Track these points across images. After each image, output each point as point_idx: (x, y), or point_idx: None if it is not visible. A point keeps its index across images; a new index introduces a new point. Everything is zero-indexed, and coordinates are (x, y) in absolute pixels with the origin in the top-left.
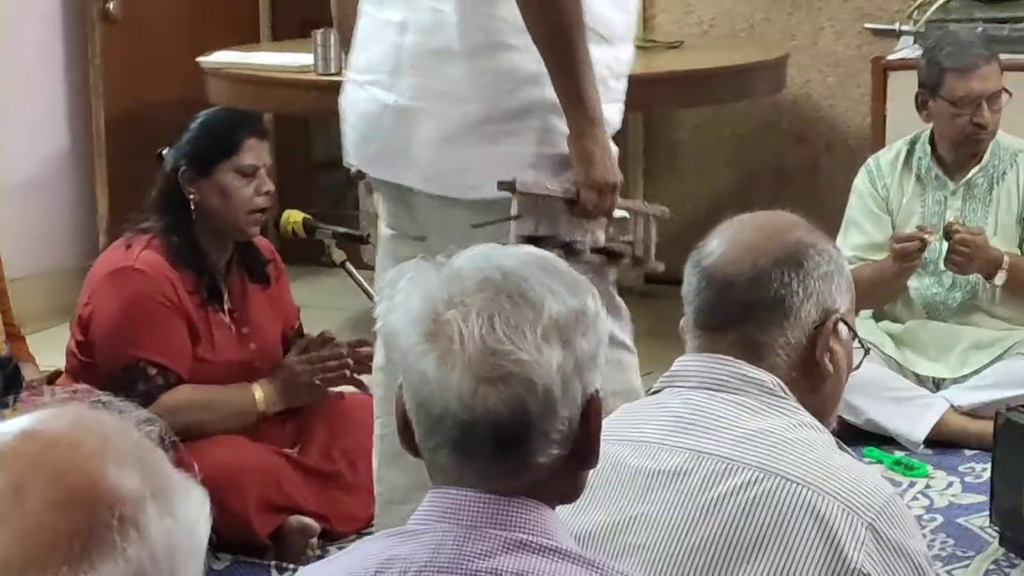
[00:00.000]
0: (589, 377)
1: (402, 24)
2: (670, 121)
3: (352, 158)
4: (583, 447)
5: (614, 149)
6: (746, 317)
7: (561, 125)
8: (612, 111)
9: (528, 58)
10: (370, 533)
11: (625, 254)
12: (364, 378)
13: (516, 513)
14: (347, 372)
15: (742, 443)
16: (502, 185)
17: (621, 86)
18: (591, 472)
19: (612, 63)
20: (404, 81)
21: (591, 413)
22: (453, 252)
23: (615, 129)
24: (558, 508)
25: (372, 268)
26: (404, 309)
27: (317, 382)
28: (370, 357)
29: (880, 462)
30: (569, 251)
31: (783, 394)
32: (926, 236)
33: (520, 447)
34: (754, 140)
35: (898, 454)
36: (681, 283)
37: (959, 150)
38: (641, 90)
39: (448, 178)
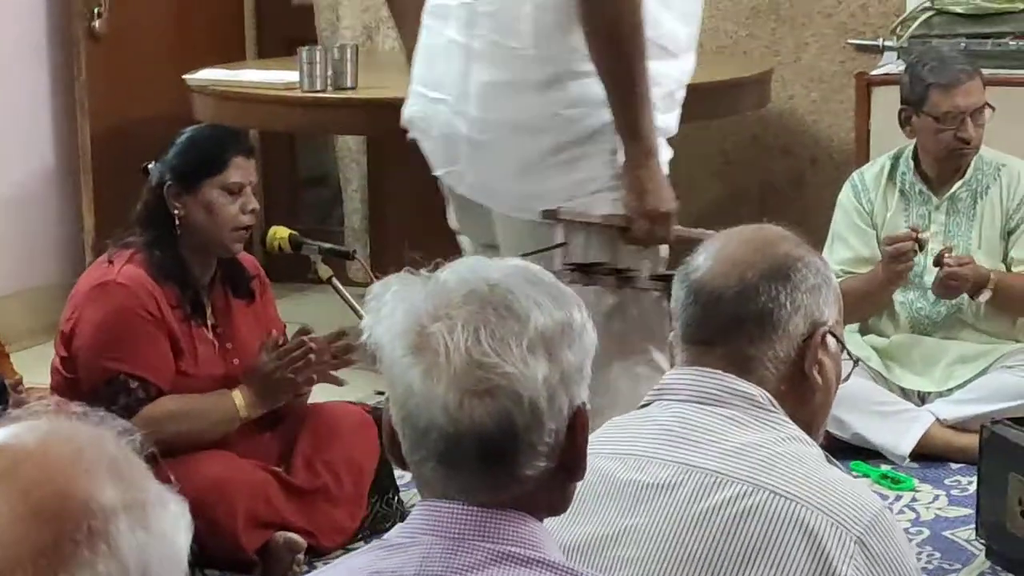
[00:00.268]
0: (575, 390)
1: (466, 49)
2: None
3: (437, 171)
4: (570, 459)
5: (665, 159)
6: (734, 331)
7: None
8: (672, 118)
9: (598, 83)
10: (356, 547)
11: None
12: (341, 373)
13: (503, 525)
14: (312, 360)
15: (731, 456)
16: (546, 214)
17: (682, 93)
18: (580, 484)
19: (678, 75)
20: (472, 112)
21: (577, 425)
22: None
23: (672, 135)
24: (546, 520)
25: (358, 284)
26: (389, 322)
27: (289, 376)
28: (348, 350)
29: (866, 476)
30: (623, 278)
31: (772, 407)
32: (921, 236)
33: (506, 460)
34: (740, 155)
35: (884, 468)
36: None
37: (943, 165)
38: None
39: (524, 203)
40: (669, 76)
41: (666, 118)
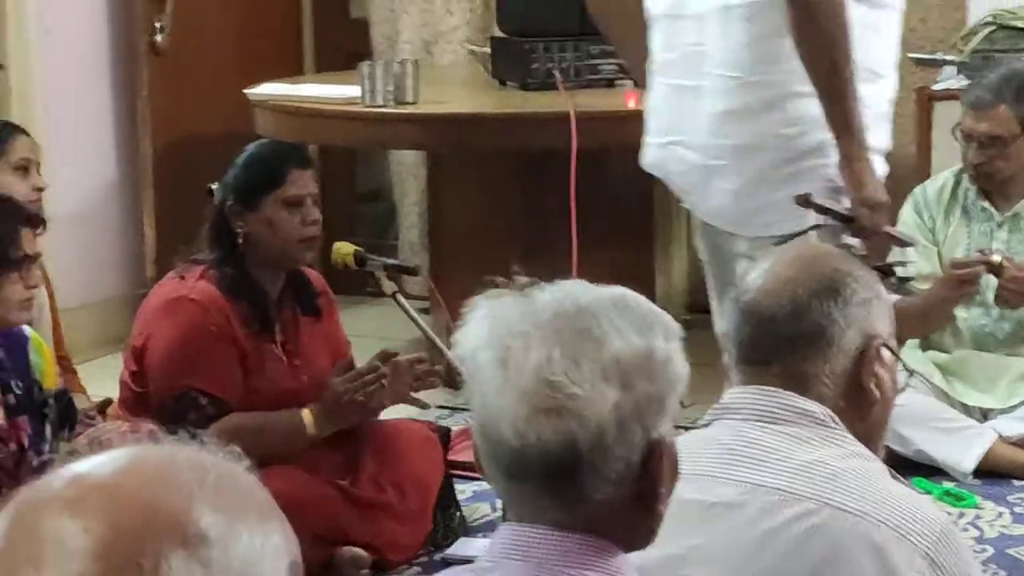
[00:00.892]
0: (652, 421)
1: (696, 89)
2: None
3: (684, 203)
4: (646, 491)
5: (882, 174)
6: (789, 349)
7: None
8: (883, 135)
9: (814, 103)
10: (420, 562)
11: (912, 280)
12: (424, 395)
13: (584, 552)
14: (384, 385)
15: (796, 474)
16: (799, 199)
17: (890, 109)
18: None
19: (887, 94)
20: (702, 140)
21: (653, 458)
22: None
23: (886, 151)
24: None
25: (414, 297)
26: (475, 335)
27: (360, 399)
28: (429, 373)
29: (929, 493)
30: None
31: (833, 424)
32: (992, 258)
33: (569, 481)
34: None
35: (947, 484)
36: None
37: (978, 183)
38: None
39: (745, 219)
40: (880, 96)
41: (878, 136)
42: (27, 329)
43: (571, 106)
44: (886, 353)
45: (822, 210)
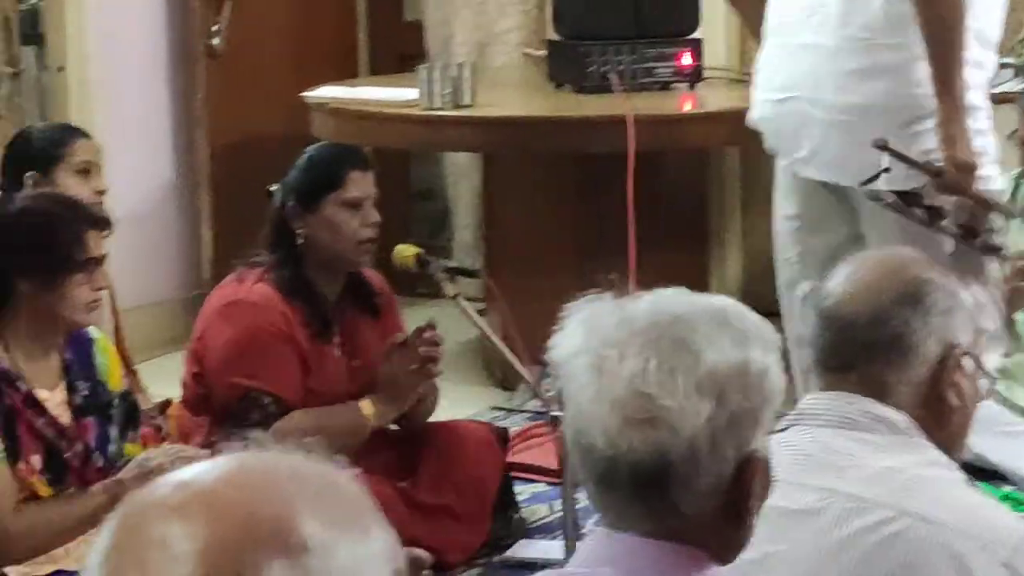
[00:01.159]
0: (746, 435)
1: (822, 48)
2: (766, 155)
3: (781, 160)
4: (737, 505)
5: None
6: (867, 357)
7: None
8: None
9: None
10: (479, 564)
11: (1002, 249)
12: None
13: (676, 561)
14: (436, 350)
15: (874, 482)
16: (876, 143)
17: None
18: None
19: (993, 64)
20: (828, 99)
21: (746, 472)
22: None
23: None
24: None
25: (475, 300)
26: (570, 341)
27: (413, 368)
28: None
29: None
30: (934, 214)
31: (913, 432)
32: None
33: (659, 491)
34: None
35: (1007, 489)
36: (778, 315)
37: None
38: (739, 124)
39: (862, 174)
40: (988, 64)
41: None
42: (93, 330)
43: (628, 109)
44: (967, 362)
45: (898, 156)
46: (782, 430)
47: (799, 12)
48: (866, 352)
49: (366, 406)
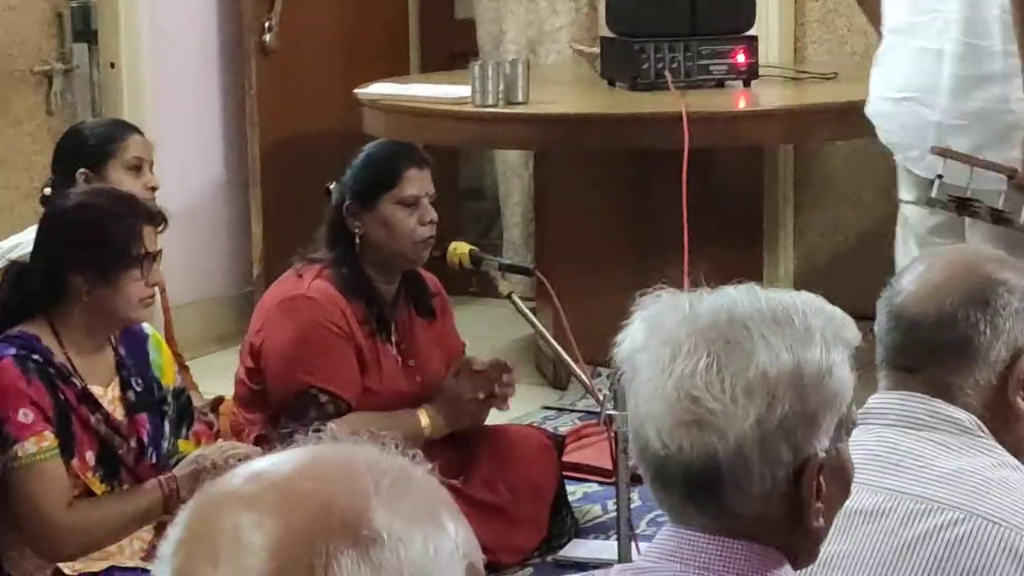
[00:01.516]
0: (802, 438)
1: (938, 52)
2: (821, 153)
3: (896, 153)
4: (797, 508)
5: None
6: (933, 359)
7: None
8: None
9: None
10: (532, 563)
11: None
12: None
13: (748, 557)
14: (507, 383)
15: (942, 483)
16: (934, 149)
17: None
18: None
19: None
20: (943, 102)
21: (805, 475)
22: None
23: None
24: None
25: (526, 298)
26: (632, 338)
27: (480, 397)
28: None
29: None
30: (998, 218)
31: (981, 433)
32: None
33: (711, 492)
34: None
35: None
36: None
37: None
38: (794, 122)
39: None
40: None
41: None
42: (147, 326)
43: (683, 106)
44: None
45: (963, 159)
46: None
47: (920, 16)
48: (932, 354)
49: (423, 416)
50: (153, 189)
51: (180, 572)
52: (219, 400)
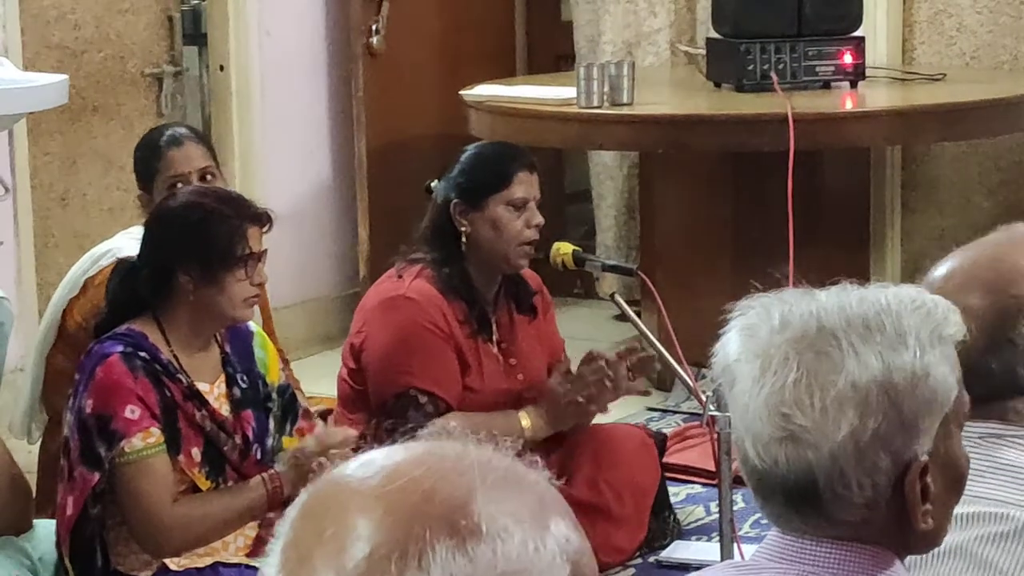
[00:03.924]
0: (900, 444)
1: None
2: (928, 154)
3: None
4: (903, 511)
5: None
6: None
7: None
8: None
9: None
10: (634, 564)
11: None
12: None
13: (854, 560)
14: (609, 384)
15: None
16: None
17: None
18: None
19: None
20: None
21: (908, 479)
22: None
23: None
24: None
25: (633, 302)
26: (726, 349)
27: (580, 400)
28: (644, 361)
29: None
30: None
31: None
32: None
33: (811, 504)
34: (1017, 174)
35: None
36: None
37: None
38: (901, 123)
39: None
40: None
41: None
42: (252, 324)
43: (788, 108)
44: None
45: None
46: None
47: None
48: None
49: (524, 418)
50: None
51: (289, 545)
52: (328, 412)
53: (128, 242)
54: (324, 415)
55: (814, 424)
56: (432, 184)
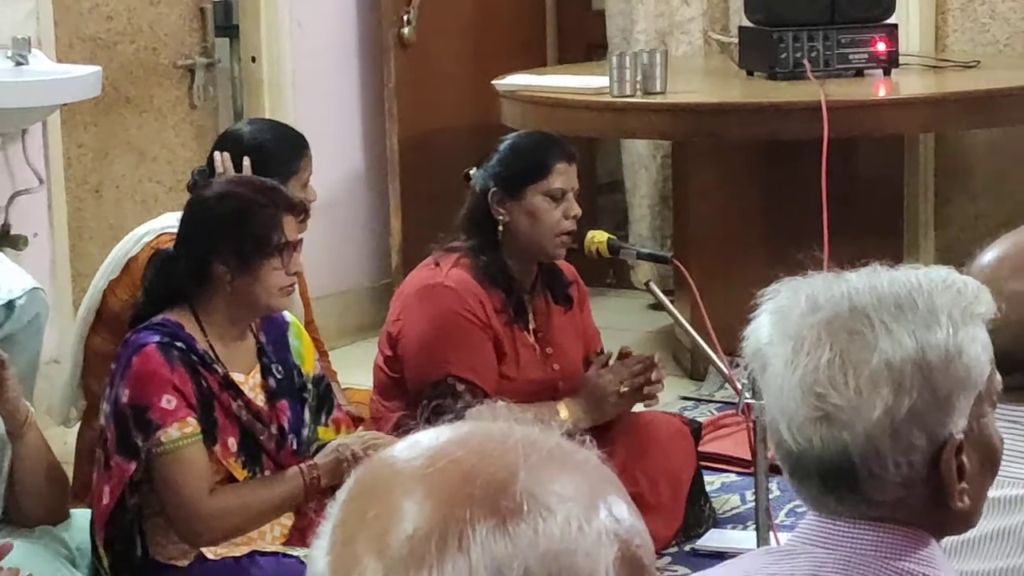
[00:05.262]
0: (935, 421)
1: None
2: (962, 142)
3: None
4: (940, 489)
5: None
6: None
7: None
8: None
9: None
10: (670, 553)
11: None
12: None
13: (889, 542)
14: (652, 378)
15: None
16: None
17: None
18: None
19: None
20: None
21: (944, 458)
22: None
23: None
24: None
25: (667, 291)
26: (758, 332)
27: (623, 390)
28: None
29: None
30: None
31: None
32: None
33: (848, 484)
34: None
35: None
36: None
37: None
38: (934, 110)
39: None
40: None
41: None
42: (287, 314)
43: (822, 95)
44: None
45: None
46: None
47: None
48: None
49: (563, 409)
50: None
51: (336, 527)
52: (359, 420)
53: (173, 221)
54: (357, 422)
55: (849, 403)
56: (470, 172)
